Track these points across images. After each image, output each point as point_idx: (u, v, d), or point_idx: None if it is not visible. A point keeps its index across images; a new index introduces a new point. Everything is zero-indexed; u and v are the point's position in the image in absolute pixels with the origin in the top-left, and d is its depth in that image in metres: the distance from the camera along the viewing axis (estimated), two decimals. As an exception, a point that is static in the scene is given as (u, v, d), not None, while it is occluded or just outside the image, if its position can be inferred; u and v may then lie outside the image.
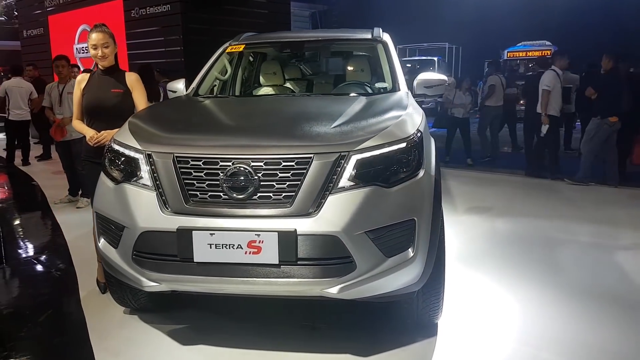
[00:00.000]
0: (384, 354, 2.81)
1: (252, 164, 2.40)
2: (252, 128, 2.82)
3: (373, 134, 2.51)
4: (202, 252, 2.37)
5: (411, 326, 3.03)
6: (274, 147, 2.44)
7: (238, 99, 3.98)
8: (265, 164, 2.40)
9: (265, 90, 4.40)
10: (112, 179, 2.65)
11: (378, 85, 3.83)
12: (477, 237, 4.85)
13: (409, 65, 21.18)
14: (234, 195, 2.38)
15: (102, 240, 2.70)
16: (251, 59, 4.73)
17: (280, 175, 2.39)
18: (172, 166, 2.46)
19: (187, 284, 2.49)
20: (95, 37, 3.32)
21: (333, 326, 3.15)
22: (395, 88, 3.56)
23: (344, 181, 2.39)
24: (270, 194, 2.39)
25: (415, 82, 3.65)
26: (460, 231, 5.04)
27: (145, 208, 2.46)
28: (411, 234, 2.48)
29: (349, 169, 2.40)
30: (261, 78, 4.52)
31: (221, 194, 2.41)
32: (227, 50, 4.17)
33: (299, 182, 2.37)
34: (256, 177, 2.37)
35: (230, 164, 2.40)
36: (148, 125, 2.83)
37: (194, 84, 3.87)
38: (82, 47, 11.10)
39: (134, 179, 2.55)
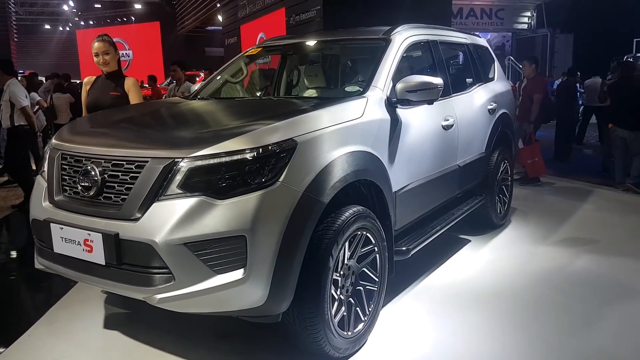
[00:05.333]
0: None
1: (103, 164, 2.48)
2: (122, 130, 2.88)
3: (218, 141, 2.35)
4: (57, 243, 2.56)
5: (311, 354, 2.74)
6: (118, 149, 2.48)
7: (186, 102, 3.65)
8: (113, 165, 2.46)
9: (310, 93, 4.36)
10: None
11: (349, 89, 3.45)
12: (526, 274, 3.97)
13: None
14: (84, 193, 2.50)
15: None
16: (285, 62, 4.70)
17: (121, 177, 2.43)
18: (57, 161, 2.69)
19: (56, 271, 2.70)
20: (97, 46, 3.77)
21: (246, 339, 3.01)
22: (364, 92, 3.18)
23: (172, 188, 2.31)
24: (112, 195, 2.44)
25: (398, 86, 3.19)
26: (518, 264, 4.20)
27: (37, 198, 2.76)
28: (242, 253, 2.26)
29: (179, 177, 2.30)
30: (305, 80, 4.49)
31: (79, 190, 2.55)
32: (246, 54, 4.25)
33: (133, 186, 2.37)
34: (99, 178, 2.45)
35: (88, 162, 2.52)
36: (76, 124, 3.12)
37: (198, 87, 4.06)
38: (260, 53, 12.29)
39: (43, 171, 2.87)
